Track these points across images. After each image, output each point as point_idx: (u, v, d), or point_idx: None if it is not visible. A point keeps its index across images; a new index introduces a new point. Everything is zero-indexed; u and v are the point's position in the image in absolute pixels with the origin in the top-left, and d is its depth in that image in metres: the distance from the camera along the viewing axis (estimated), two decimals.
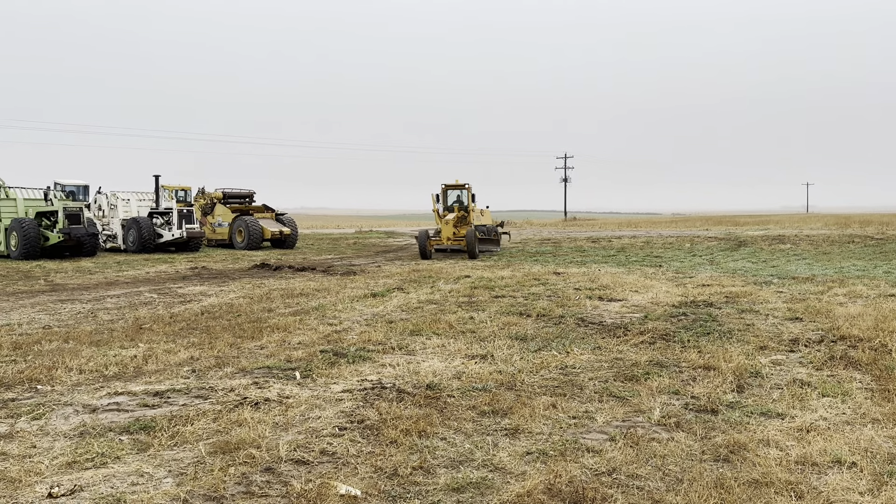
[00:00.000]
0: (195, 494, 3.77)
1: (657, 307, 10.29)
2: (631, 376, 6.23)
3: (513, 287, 13.02)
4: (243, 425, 4.90)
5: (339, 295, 12.32)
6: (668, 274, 15.45)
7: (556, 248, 26.48)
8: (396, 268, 18.45)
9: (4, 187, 24.70)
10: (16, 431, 4.83)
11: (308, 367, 6.66)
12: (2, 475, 4.03)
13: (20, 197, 24.31)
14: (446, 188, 25.02)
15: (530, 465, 4.16)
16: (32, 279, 16.30)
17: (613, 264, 18.67)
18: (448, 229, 23.03)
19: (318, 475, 4.04)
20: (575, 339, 7.99)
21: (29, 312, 10.79)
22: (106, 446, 4.50)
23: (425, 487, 3.86)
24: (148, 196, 27.57)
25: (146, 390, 5.90)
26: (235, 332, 8.67)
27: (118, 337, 8.39)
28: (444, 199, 24.78)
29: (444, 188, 24.93)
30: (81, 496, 3.76)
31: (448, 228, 23.03)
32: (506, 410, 5.22)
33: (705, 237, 29.98)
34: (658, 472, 4.08)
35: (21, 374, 6.46)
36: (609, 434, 4.72)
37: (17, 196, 24.32)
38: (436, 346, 7.67)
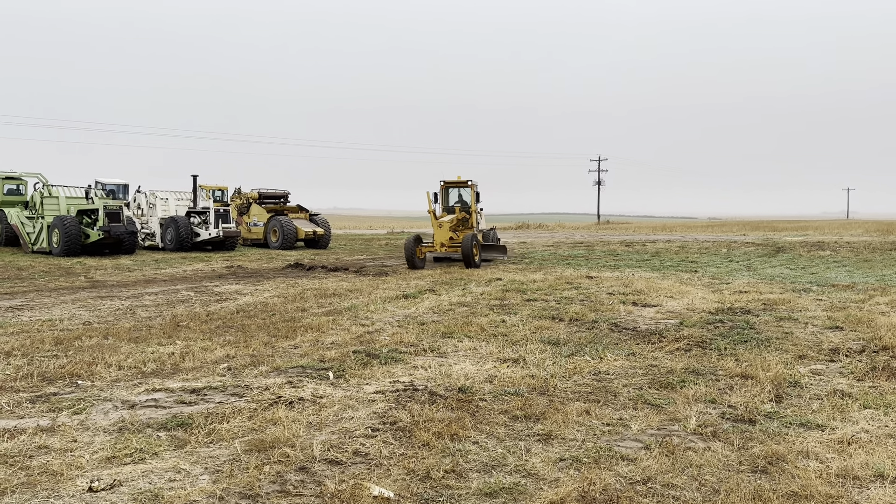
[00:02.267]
0: (231, 492, 3.82)
1: (693, 313, 10.14)
2: (666, 384, 6.15)
3: (545, 290, 12.95)
4: (278, 424, 4.95)
5: (371, 296, 12.38)
6: (704, 280, 15.22)
7: (588, 252, 26.28)
8: (428, 269, 18.48)
9: (47, 185, 25.35)
10: (57, 425, 4.94)
11: (341, 368, 6.71)
12: (44, 468, 4.13)
13: (62, 195, 24.93)
14: (446, 185, 21.65)
15: (563, 472, 4.13)
16: (73, 276, 16.69)
17: (648, 269, 18.47)
18: (442, 233, 19.61)
19: (352, 476, 4.06)
20: (608, 344, 7.92)
21: (70, 308, 11.05)
22: (144, 442, 4.58)
23: (458, 491, 3.86)
24: (186, 195, 28.05)
25: (183, 387, 6.00)
26: (270, 331, 8.77)
27: (156, 334, 8.55)
28: (443, 199, 21.61)
29: (443, 186, 21.52)
30: (120, 491, 3.83)
31: (442, 232, 19.60)
32: (538, 415, 5.20)
33: (742, 242, 29.50)
34: (694, 482, 4.02)
35: (62, 368, 6.62)
36: (644, 442, 4.66)
37: (60, 194, 24.93)
38: (467, 349, 7.67)
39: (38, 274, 16.95)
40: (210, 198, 30.37)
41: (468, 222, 20.95)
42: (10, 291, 13.52)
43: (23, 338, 8.20)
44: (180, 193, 28.26)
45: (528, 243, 33.50)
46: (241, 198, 31.53)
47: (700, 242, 30.35)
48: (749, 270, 18.05)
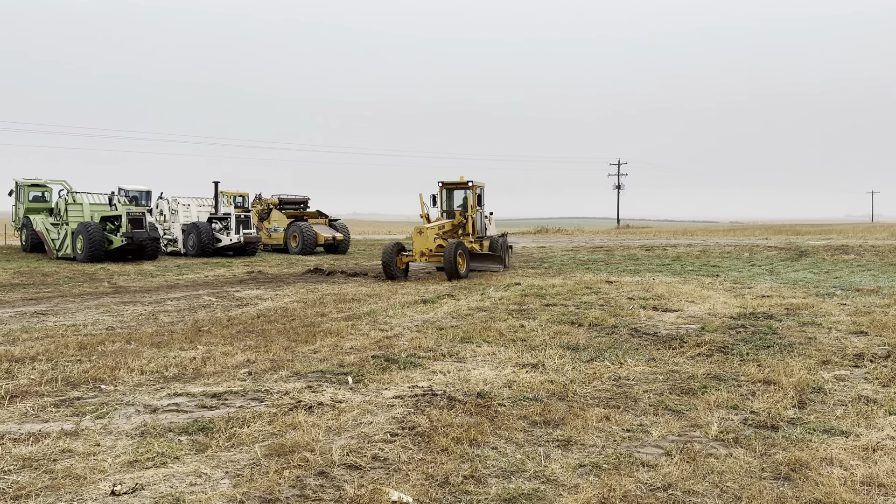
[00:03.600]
0: (251, 496, 3.84)
1: (714, 318, 10.04)
2: (687, 389, 6.09)
3: (564, 295, 12.89)
4: (298, 428, 4.97)
5: (389, 300, 12.41)
6: (726, 284, 15.08)
7: (608, 256, 26.13)
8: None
9: (71, 192, 25.73)
10: (81, 429, 5.01)
11: (360, 373, 6.73)
12: (68, 472, 4.19)
13: (86, 202, 25.29)
14: (444, 186, 19.25)
15: (583, 478, 4.10)
16: (97, 281, 16.92)
17: (668, 273, 18.33)
18: (423, 241, 17.14)
19: (371, 480, 4.07)
20: (628, 349, 7.86)
21: (93, 314, 11.19)
22: (166, 446, 4.63)
23: (477, 497, 3.85)
24: (207, 201, 28.33)
25: (204, 392, 6.05)
26: (290, 335, 8.82)
27: (178, 339, 8.63)
28: (444, 202, 19.38)
29: (441, 187, 19.22)
30: (143, 495, 3.87)
31: (423, 240, 17.14)
32: (558, 421, 5.17)
33: (765, 246, 29.17)
34: (715, 488, 3.98)
35: (86, 373, 6.71)
36: (664, 448, 4.62)
37: (84, 201, 25.30)
38: (486, 354, 7.65)
39: (63, 280, 17.20)
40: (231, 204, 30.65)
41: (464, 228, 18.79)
42: (36, 297, 13.72)
43: (47, 343, 8.32)
44: (202, 199, 28.55)
45: (547, 248, 33.38)
46: (262, 204, 31.80)
47: (722, 246, 30.07)
48: (772, 275, 17.85)
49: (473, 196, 18.83)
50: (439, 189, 19.27)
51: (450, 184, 19.20)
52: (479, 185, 19.16)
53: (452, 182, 19.08)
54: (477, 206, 18.89)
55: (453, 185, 19.18)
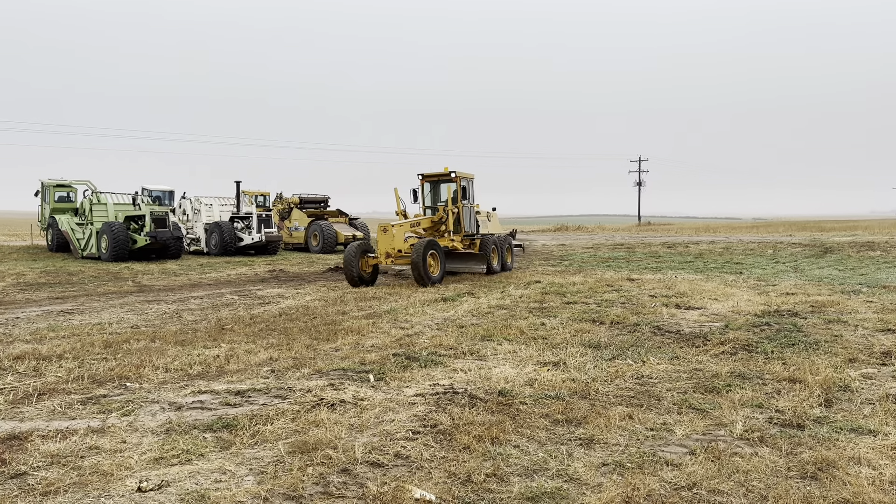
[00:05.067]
0: (275, 493, 3.87)
1: (738, 316, 9.94)
2: (711, 388, 6.04)
3: (585, 293, 12.83)
4: (320, 426, 5.00)
5: (409, 299, 12.43)
6: (750, 281, 14.91)
7: (629, 254, 25.96)
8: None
9: (96, 192, 26.08)
10: (107, 427, 5.07)
11: (381, 370, 6.75)
12: (95, 468, 4.24)
13: (110, 202, 25.62)
14: (425, 179, 17.23)
15: (606, 477, 4.08)
16: (121, 280, 17.14)
17: (691, 271, 18.17)
18: (388, 241, 15.10)
19: (393, 478, 4.08)
20: (651, 347, 7.81)
21: (118, 312, 11.34)
22: (191, 443, 4.68)
23: (499, 495, 3.84)
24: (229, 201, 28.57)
25: (228, 389, 6.11)
26: (311, 334, 8.87)
27: (201, 337, 8.72)
28: (425, 196, 17.34)
29: (422, 180, 17.24)
30: (168, 491, 3.91)
31: (387, 239, 15.11)
32: (580, 420, 5.15)
33: (788, 243, 28.80)
34: (741, 488, 3.93)
35: (112, 371, 6.80)
36: (689, 447, 4.58)
37: (108, 201, 25.63)
38: (507, 352, 7.64)
39: (88, 279, 17.44)
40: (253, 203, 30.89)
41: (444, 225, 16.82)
42: (62, 296, 13.94)
43: (74, 341, 8.45)
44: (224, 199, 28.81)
45: (567, 245, 33.23)
46: (283, 203, 32.02)
47: (745, 243, 29.73)
48: (796, 272, 17.62)
49: (458, 188, 16.83)
50: (420, 182, 17.33)
51: (431, 176, 17.21)
52: (465, 177, 17.16)
53: (433, 174, 17.12)
54: (462, 199, 16.94)
55: (435, 177, 17.19)
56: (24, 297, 13.65)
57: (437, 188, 17.47)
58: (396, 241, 15.15)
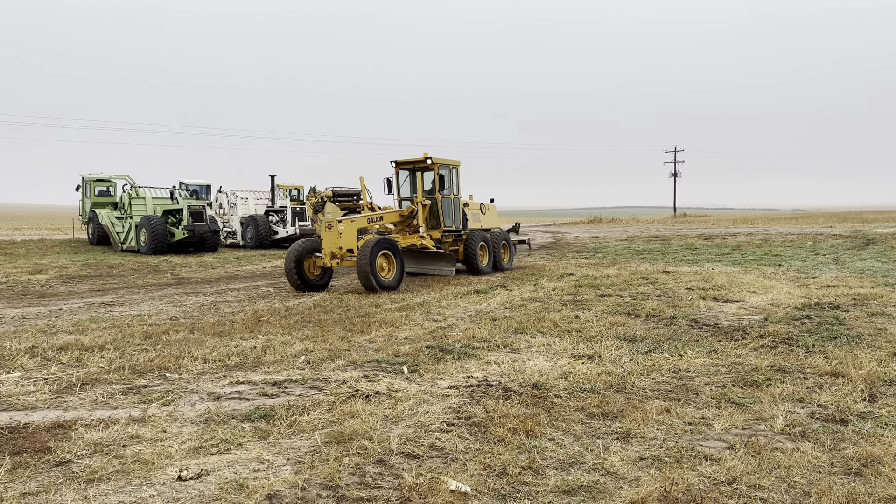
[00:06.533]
0: (312, 483, 3.91)
1: (778, 309, 9.74)
2: (751, 382, 5.93)
3: (619, 286, 12.70)
4: (356, 417, 5.03)
5: (442, 291, 12.44)
6: (789, 274, 14.61)
7: (664, 246, 25.63)
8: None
9: (135, 187, 26.59)
10: (148, 416, 5.17)
11: (415, 362, 6.76)
12: (136, 457, 4.33)
13: (149, 196, 26.11)
14: (399, 167, 15.37)
15: (644, 471, 4.03)
16: (160, 273, 17.46)
17: (728, 263, 17.86)
18: (333, 239, 12.94)
19: (429, 469, 4.08)
20: (688, 341, 7.70)
21: (157, 304, 11.56)
22: (229, 433, 4.74)
23: (535, 488, 3.82)
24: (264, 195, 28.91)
25: (265, 380, 6.18)
26: (346, 325, 8.93)
27: (239, 328, 8.84)
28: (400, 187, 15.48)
29: (396, 167, 15.39)
30: (207, 480, 3.97)
31: (332, 238, 12.95)
32: (616, 413, 5.10)
33: (829, 234, 28.16)
34: (782, 483, 3.86)
35: (151, 362, 6.93)
36: (728, 442, 4.51)
37: (147, 195, 26.12)
38: (541, 345, 7.60)
39: (128, 271, 17.81)
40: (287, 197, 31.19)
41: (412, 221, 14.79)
42: (102, 288, 14.25)
43: (115, 332, 8.63)
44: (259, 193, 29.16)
45: (601, 238, 32.95)
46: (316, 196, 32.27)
47: (784, 235, 29.15)
48: (837, 264, 17.21)
49: (436, 177, 15.05)
50: (394, 171, 15.43)
51: (406, 163, 15.28)
52: (447, 164, 15.30)
53: (409, 161, 15.22)
54: (440, 190, 15.08)
55: (410, 164, 15.24)
56: (67, 290, 14.00)
57: (416, 177, 15.31)
58: (345, 239, 12.96)
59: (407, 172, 15.49)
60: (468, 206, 16.45)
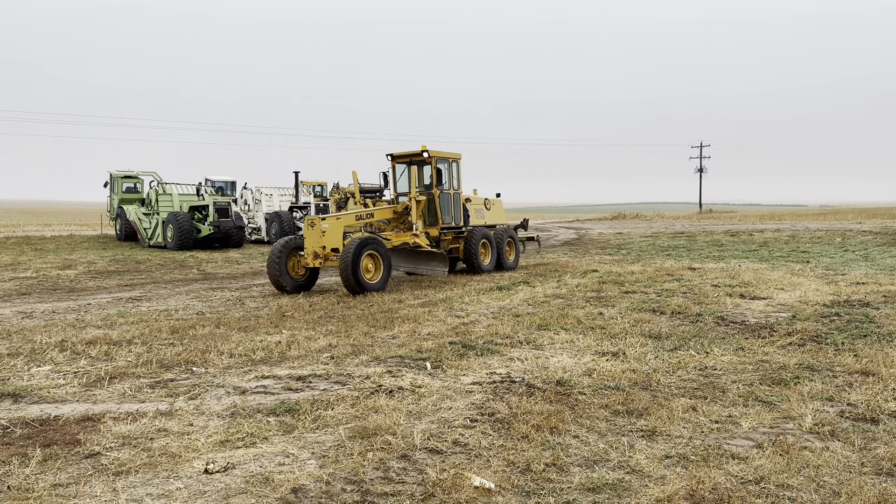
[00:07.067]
0: (337, 477, 3.93)
1: (806, 306, 9.59)
2: (778, 380, 5.84)
3: (644, 282, 12.59)
4: (379, 412, 5.05)
5: (465, 287, 12.43)
6: (818, 271, 14.38)
7: (690, 242, 25.36)
8: (521, 261, 18.37)
9: (162, 184, 26.92)
10: (175, 410, 5.24)
11: (438, 358, 6.77)
12: (164, 450, 4.38)
13: (175, 192, 26.42)
14: (396, 161, 14.58)
15: (670, 470, 3.99)
16: (186, 268, 17.67)
17: (755, 259, 17.63)
18: (316, 238, 12.22)
19: (452, 465, 4.08)
20: (714, 338, 7.61)
21: (184, 299, 11.70)
22: (255, 427, 4.79)
23: (559, 485, 3.80)
24: (288, 191, 29.11)
25: (290, 374, 6.23)
26: (369, 321, 8.97)
27: (264, 324, 8.92)
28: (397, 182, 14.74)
29: (393, 161, 14.59)
30: (234, 473, 4.01)
31: (315, 236, 12.22)
32: (641, 411, 5.05)
33: (858, 231, 27.66)
34: (811, 483, 3.80)
35: (178, 356, 7.01)
36: (755, 440, 4.45)
37: (173, 192, 26.43)
38: (564, 342, 7.56)
39: (155, 267, 18.04)
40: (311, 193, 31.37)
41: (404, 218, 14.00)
42: (130, 283, 14.46)
43: (142, 327, 8.75)
44: (283, 189, 29.36)
45: (625, 234, 32.70)
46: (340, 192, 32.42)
47: (812, 231, 28.69)
48: (866, 260, 16.90)
49: (433, 172, 14.29)
50: (390, 165, 14.63)
51: (402, 157, 14.50)
52: (445, 157, 14.58)
53: (405, 154, 14.43)
54: (438, 185, 14.32)
55: (406, 157, 14.45)
56: (95, 285, 14.22)
57: (414, 171, 14.61)
58: (329, 238, 12.25)
59: (404, 166, 14.73)
60: (470, 202, 15.70)
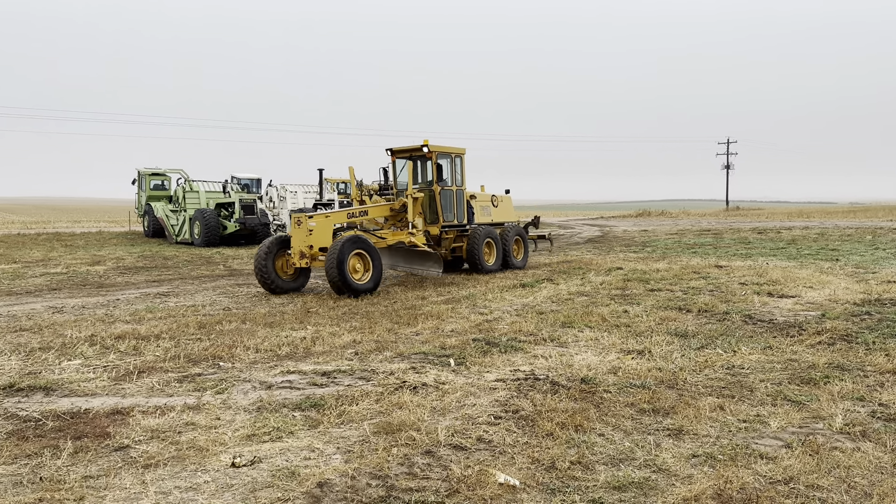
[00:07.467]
0: (362, 472, 3.95)
1: (836, 305, 9.44)
2: (808, 379, 5.75)
3: (670, 280, 12.47)
4: (403, 408, 5.06)
5: (488, 284, 12.41)
6: (847, 269, 14.12)
7: (716, 240, 25.07)
8: (544, 258, 18.30)
9: (189, 181, 27.24)
10: (202, 404, 5.30)
11: (462, 355, 6.77)
12: (192, 443, 4.44)
13: (202, 189, 26.73)
14: (395, 156, 14.01)
15: (697, 469, 3.95)
16: (213, 265, 17.87)
17: (783, 257, 17.37)
18: (302, 237, 11.61)
19: (477, 462, 4.08)
20: (742, 337, 7.51)
21: (211, 295, 11.83)
22: (281, 421, 4.83)
23: (585, 483, 3.78)
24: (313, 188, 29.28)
25: (315, 370, 6.28)
26: (392, 318, 8.99)
27: (289, 319, 8.99)
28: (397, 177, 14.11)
29: (393, 156, 14.05)
30: (260, 467, 4.05)
31: (301, 235, 11.63)
32: (667, 410, 5.01)
33: (889, 228, 27.14)
34: (842, 483, 3.74)
35: (206, 351, 7.10)
36: (784, 440, 4.39)
37: (200, 189, 26.75)
38: (589, 339, 7.52)
39: (182, 263, 18.27)
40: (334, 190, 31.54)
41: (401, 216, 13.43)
42: (158, 279, 14.66)
43: (170, 322, 8.87)
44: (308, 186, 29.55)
45: (650, 231, 32.43)
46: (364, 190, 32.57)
47: (841, 229, 28.21)
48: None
49: (433, 167, 13.69)
50: (390, 160, 14.08)
51: (402, 151, 13.91)
52: (447, 152, 13.95)
53: (405, 149, 13.84)
54: (438, 181, 13.70)
55: (407, 152, 13.86)
56: (124, 280, 14.43)
57: (415, 167, 14.15)
58: (317, 236, 11.68)
59: (404, 161, 14.10)
60: (475, 199, 15.09)
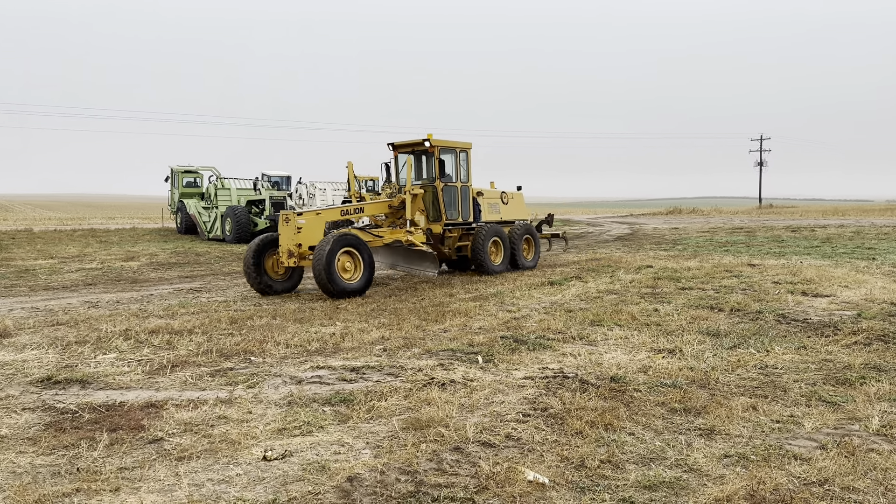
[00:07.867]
0: (391, 467, 3.97)
1: (872, 305, 9.24)
2: (843, 380, 5.65)
3: (701, 279, 12.32)
4: (432, 404, 5.08)
5: (516, 282, 12.38)
6: (884, 268, 13.81)
7: (749, 238, 24.69)
8: (573, 256, 18.19)
9: (220, 178, 27.59)
10: (234, 398, 5.37)
11: (489, 352, 6.76)
12: (224, 437, 4.50)
13: (233, 187, 27.04)
14: (397, 151, 13.56)
15: (729, 469, 3.90)
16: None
17: (818, 256, 17.05)
18: (290, 235, 11.04)
19: (505, 459, 4.08)
20: (775, 336, 7.39)
21: (242, 291, 11.97)
22: (311, 416, 4.88)
23: (615, 482, 3.76)
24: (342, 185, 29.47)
25: (344, 365, 6.32)
26: (420, 314, 9.02)
27: (318, 315, 9.07)
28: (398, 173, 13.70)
29: (395, 151, 13.58)
30: (291, 461, 4.10)
31: (289, 233, 11.04)
32: (699, 409, 4.95)
33: None
34: (879, 486, 3.66)
35: (237, 346, 7.19)
36: (819, 441, 4.31)
37: (231, 186, 27.06)
38: (618, 338, 7.46)
39: (214, 259, 18.53)
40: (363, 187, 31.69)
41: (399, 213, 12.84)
42: (191, 275, 14.88)
43: (202, 317, 9.00)
44: (336, 184, 29.75)
45: (681, 229, 32.06)
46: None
47: (878, 227, 27.59)
48: None
49: (435, 163, 13.05)
50: (392, 155, 13.56)
51: (404, 146, 13.40)
52: (452, 146, 13.43)
53: (408, 143, 13.31)
54: (441, 177, 13.12)
55: (409, 147, 13.35)
56: (157, 276, 14.68)
57: (419, 162, 13.68)
58: (306, 235, 11.14)
59: (407, 156, 13.62)
60: (483, 196, 14.50)
